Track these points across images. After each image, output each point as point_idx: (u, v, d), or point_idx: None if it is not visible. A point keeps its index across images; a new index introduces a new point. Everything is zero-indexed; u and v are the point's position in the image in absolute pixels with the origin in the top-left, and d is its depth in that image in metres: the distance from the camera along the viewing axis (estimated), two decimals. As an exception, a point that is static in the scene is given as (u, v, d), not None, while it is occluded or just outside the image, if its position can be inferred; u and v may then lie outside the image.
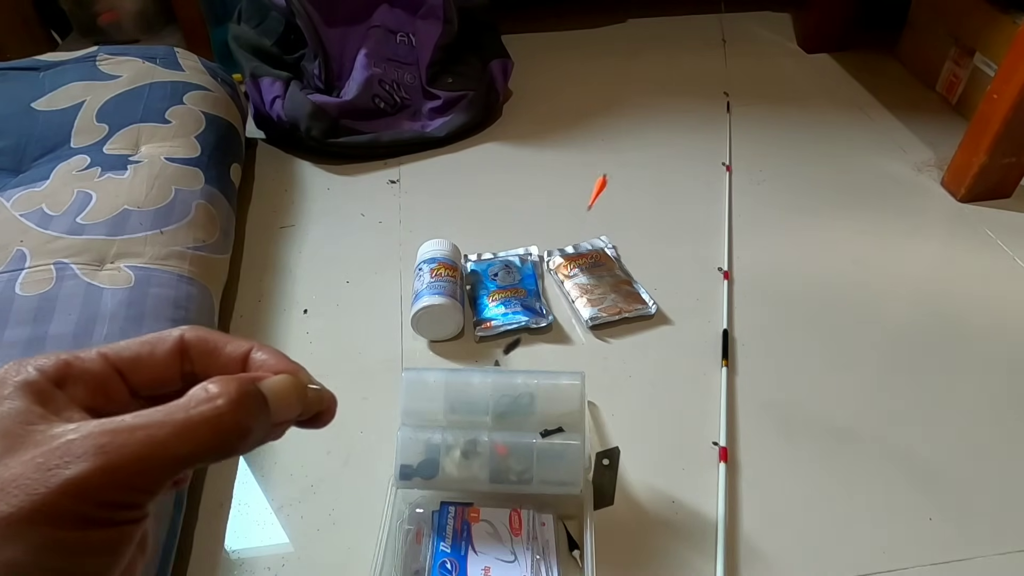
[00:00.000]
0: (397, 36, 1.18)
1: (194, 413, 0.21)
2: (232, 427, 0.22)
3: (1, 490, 0.18)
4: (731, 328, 0.82)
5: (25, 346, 0.65)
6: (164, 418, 0.21)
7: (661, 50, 1.45)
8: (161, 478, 0.21)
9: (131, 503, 0.20)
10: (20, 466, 0.19)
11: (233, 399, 0.22)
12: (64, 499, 0.19)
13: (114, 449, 0.20)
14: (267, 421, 0.23)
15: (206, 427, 0.21)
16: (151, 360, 0.25)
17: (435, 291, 0.79)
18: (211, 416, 0.21)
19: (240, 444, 0.22)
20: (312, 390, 0.26)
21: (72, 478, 0.19)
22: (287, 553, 0.62)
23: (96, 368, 0.23)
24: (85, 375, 0.23)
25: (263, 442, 0.24)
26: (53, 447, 0.19)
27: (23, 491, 0.18)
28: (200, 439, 0.21)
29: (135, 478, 0.20)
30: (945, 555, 0.61)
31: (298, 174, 1.12)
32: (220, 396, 0.22)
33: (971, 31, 1.17)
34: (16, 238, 0.75)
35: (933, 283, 0.89)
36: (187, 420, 0.21)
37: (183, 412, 0.21)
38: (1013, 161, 0.98)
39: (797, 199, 1.04)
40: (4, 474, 0.19)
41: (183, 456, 0.21)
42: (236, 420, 0.22)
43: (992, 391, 0.76)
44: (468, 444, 0.61)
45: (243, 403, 0.22)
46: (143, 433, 0.20)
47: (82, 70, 0.98)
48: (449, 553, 0.57)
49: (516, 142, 1.18)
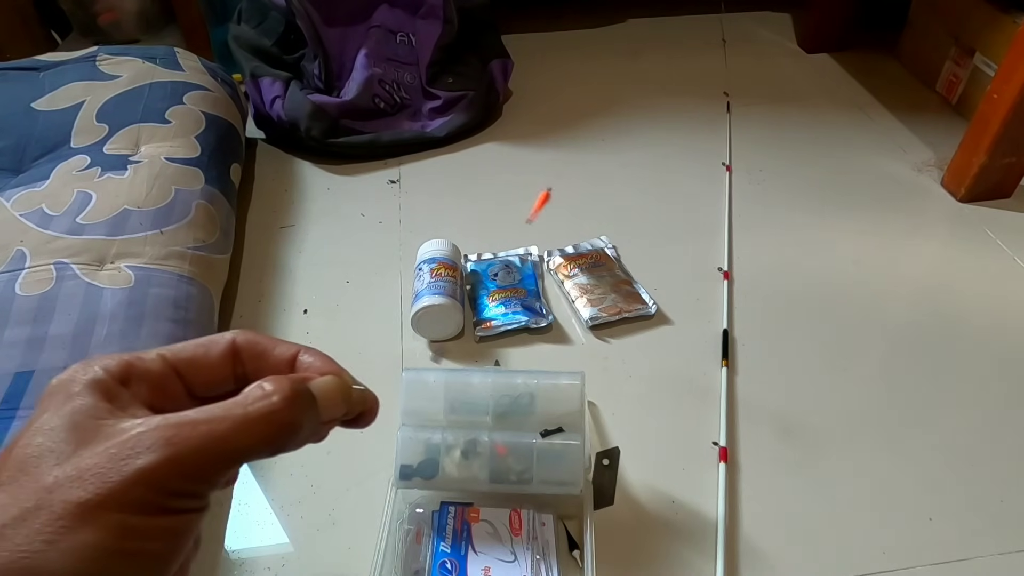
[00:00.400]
0: (397, 36, 1.18)
1: (251, 409, 0.23)
2: (286, 422, 0.24)
3: (78, 478, 0.20)
4: (731, 328, 0.82)
5: (25, 346, 0.65)
6: (224, 413, 0.23)
7: (661, 50, 1.45)
8: (221, 469, 0.22)
9: (194, 492, 0.22)
10: (94, 457, 0.21)
11: (287, 396, 0.24)
12: (135, 487, 0.20)
13: (180, 441, 0.21)
14: (316, 418, 0.25)
15: (262, 422, 0.23)
16: (206, 361, 0.27)
17: (435, 291, 0.79)
18: (267, 412, 0.23)
19: (291, 439, 0.24)
20: (356, 390, 0.28)
21: (143, 467, 0.20)
22: (287, 553, 0.62)
23: (156, 368, 0.25)
24: (147, 375, 0.25)
25: (311, 439, 0.26)
26: (124, 439, 0.21)
27: (98, 479, 0.20)
28: (257, 433, 0.23)
29: (198, 469, 0.22)
30: (945, 555, 0.61)
31: (298, 174, 1.12)
32: (275, 393, 0.23)
33: (971, 31, 1.17)
34: (16, 238, 0.75)
35: (933, 283, 0.89)
36: (245, 415, 0.23)
37: (241, 408, 0.23)
38: (1013, 161, 0.98)
39: (797, 199, 1.04)
40: (80, 464, 0.20)
41: (241, 449, 0.23)
42: (290, 416, 0.24)
43: (992, 391, 0.76)
44: (468, 444, 0.61)
45: (296, 400, 0.24)
46: (205, 427, 0.22)
47: (82, 70, 0.98)
48: (449, 553, 0.57)
49: (516, 142, 1.18)
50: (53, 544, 0.19)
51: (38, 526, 0.19)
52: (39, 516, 0.20)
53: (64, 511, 0.20)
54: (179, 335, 0.71)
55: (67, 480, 0.20)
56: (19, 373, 0.63)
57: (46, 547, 0.19)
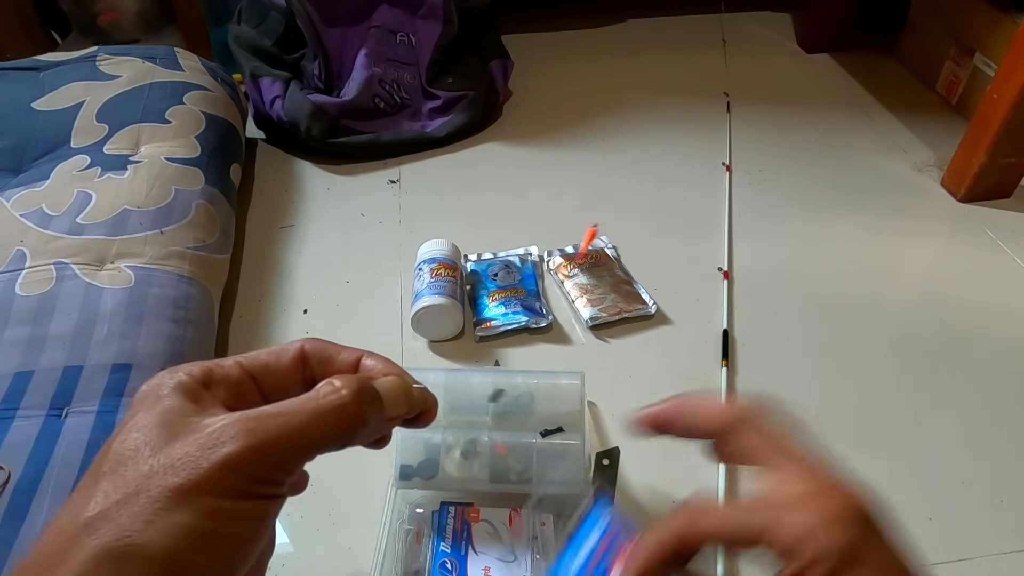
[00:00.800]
0: (397, 36, 1.18)
1: (323, 402, 0.25)
2: (354, 414, 0.26)
3: (172, 466, 0.22)
4: (731, 328, 0.82)
5: (25, 346, 0.65)
6: (299, 407, 0.25)
7: (661, 50, 1.45)
8: (297, 458, 0.25)
9: (273, 479, 0.24)
10: (185, 447, 0.23)
11: (355, 390, 0.26)
12: (223, 472, 0.22)
13: (261, 431, 0.24)
14: (381, 414, 0.28)
15: (333, 414, 0.25)
16: (278, 366, 0.29)
17: (435, 291, 0.79)
18: (337, 404, 0.25)
19: (359, 431, 0.26)
20: (416, 389, 0.30)
21: (229, 454, 0.23)
22: (287, 553, 0.62)
23: (234, 373, 0.28)
24: (226, 379, 0.27)
25: (377, 435, 0.29)
26: (210, 431, 0.23)
27: (189, 466, 0.22)
28: (328, 424, 0.25)
29: (277, 456, 0.24)
30: (945, 555, 0.61)
31: (298, 174, 1.12)
32: (344, 388, 0.26)
33: (971, 31, 1.17)
34: (16, 238, 0.75)
35: (933, 283, 0.89)
36: (317, 408, 0.25)
37: (314, 402, 0.25)
38: (1013, 161, 0.98)
39: (797, 199, 1.04)
40: (172, 453, 0.23)
41: (315, 439, 0.25)
42: (357, 408, 0.26)
43: (992, 391, 0.76)
44: (468, 444, 0.61)
45: (362, 394, 0.26)
46: (282, 419, 0.24)
47: (82, 70, 0.98)
48: (449, 553, 0.57)
49: (516, 142, 1.18)
50: (152, 524, 0.21)
51: (139, 509, 0.22)
52: (139, 500, 0.22)
53: (160, 495, 0.22)
54: (179, 335, 0.71)
55: (162, 468, 0.22)
56: (19, 373, 0.63)
57: (146, 527, 0.21)
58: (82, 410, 0.61)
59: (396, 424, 0.30)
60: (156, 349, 0.68)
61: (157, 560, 0.21)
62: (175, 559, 0.21)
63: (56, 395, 0.62)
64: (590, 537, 0.38)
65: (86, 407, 0.61)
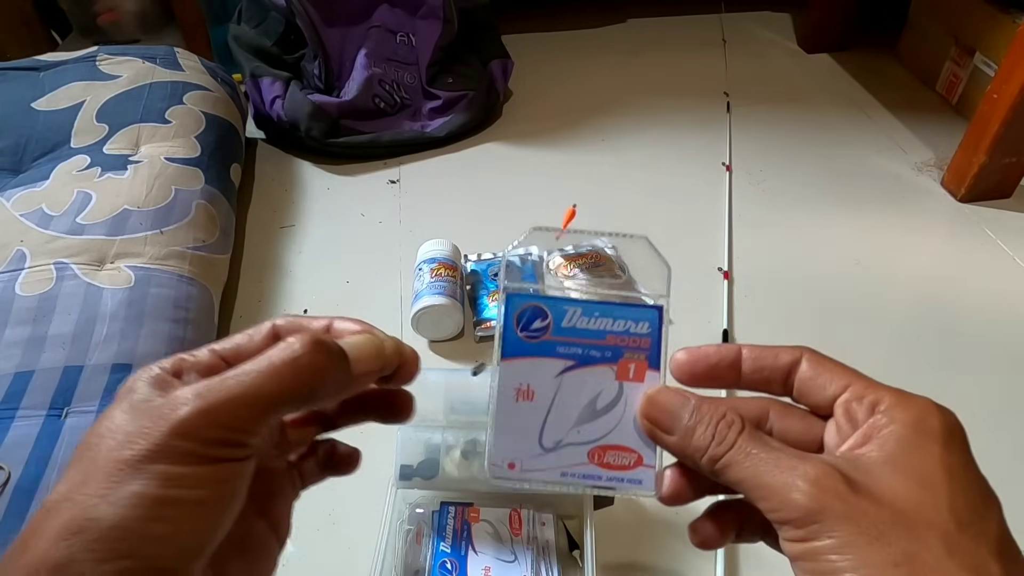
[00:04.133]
0: (397, 36, 1.18)
1: (275, 358, 0.25)
2: (308, 366, 0.25)
3: (127, 441, 0.23)
4: (731, 328, 0.82)
5: (25, 346, 0.65)
6: (251, 367, 0.25)
7: (661, 50, 1.45)
8: (253, 416, 0.24)
9: (230, 440, 0.24)
10: (141, 421, 0.23)
11: (307, 342, 0.26)
12: (174, 439, 0.23)
13: (210, 393, 0.24)
14: (346, 369, 0.27)
15: (286, 368, 0.25)
16: (251, 346, 0.29)
17: (435, 291, 0.79)
18: (289, 359, 0.25)
19: (318, 384, 0.26)
20: (390, 344, 0.30)
21: (178, 420, 0.23)
22: (287, 553, 0.62)
23: (206, 359, 0.28)
24: (197, 365, 0.27)
25: (347, 388, 0.28)
26: (163, 403, 0.24)
27: (143, 437, 0.23)
28: (282, 378, 0.25)
29: (230, 417, 0.24)
30: (945, 555, 0.61)
31: (298, 174, 1.12)
32: (296, 342, 0.26)
33: (971, 31, 1.17)
34: (16, 238, 0.75)
35: (933, 283, 0.89)
36: (270, 364, 0.25)
37: (267, 359, 0.25)
38: (1013, 161, 0.98)
39: (797, 199, 1.04)
40: (129, 430, 0.23)
41: (269, 395, 0.25)
42: (312, 361, 0.25)
43: (992, 390, 0.76)
44: (468, 444, 0.61)
45: (316, 347, 0.26)
46: (234, 380, 0.24)
47: (82, 70, 0.98)
48: (449, 553, 0.57)
49: (516, 142, 1.18)
50: (105, 498, 0.22)
51: (94, 485, 0.22)
52: (95, 477, 0.22)
53: (115, 468, 0.22)
54: (179, 335, 0.71)
55: (118, 445, 0.23)
56: (19, 373, 0.63)
57: (100, 500, 0.22)
58: (82, 410, 0.61)
59: (370, 381, 0.29)
60: (156, 349, 0.68)
61: (113, 530, 0.21)
62: (132, 527, 0.22)
63: (56, 395, 0.62)
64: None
65: (86, 407, 0.61)
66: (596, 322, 0.36)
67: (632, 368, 0.34)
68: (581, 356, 0.35)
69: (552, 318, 0.36)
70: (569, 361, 0.35)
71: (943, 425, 0.26)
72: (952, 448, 0.25)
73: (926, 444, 0.25)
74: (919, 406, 0.26)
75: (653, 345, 0.35)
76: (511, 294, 0.36)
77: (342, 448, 0.34)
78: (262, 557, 0.29)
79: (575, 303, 0.36)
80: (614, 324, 0.36)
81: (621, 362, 0.35)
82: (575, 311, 0.36)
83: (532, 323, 0.36)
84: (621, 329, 0.35)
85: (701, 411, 0.28)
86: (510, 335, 0.35)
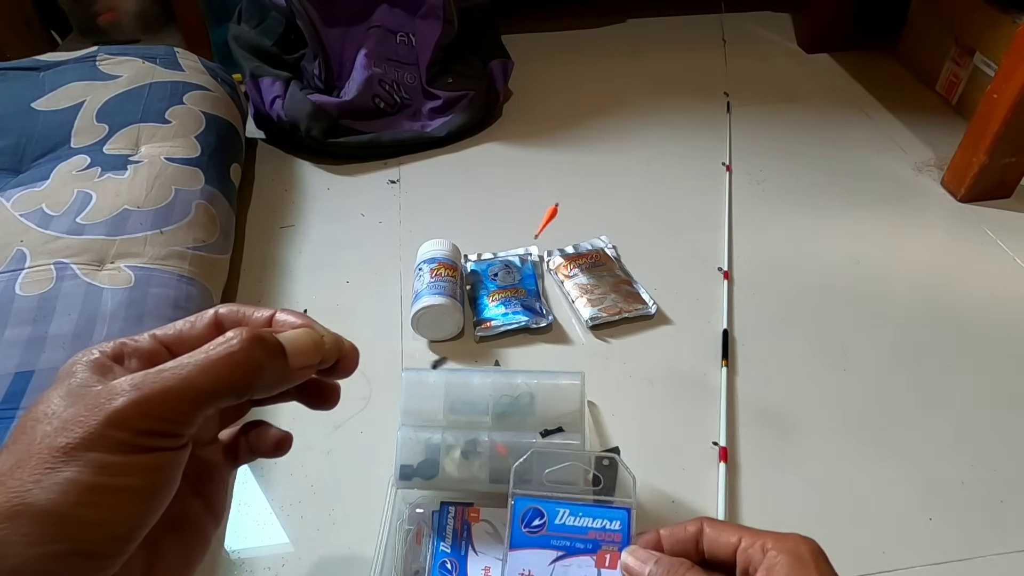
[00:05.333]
0: (397, 36, 1.18)
1: (212, 352, 0.26)
2: (244, 362, 0.26)
3: (63, 428, 0.23)
4: (731, 328, 0.82)
5: (25, 346, 0.65)
6: (188, 360, 0.25)
7: (661, 50, 1.45)
8: (187, 408, 0.25)
9: (164, 431, 0.24)
10: (77, 409, 0.24)
11: (245, 339, 0.26)
12: (108, 428, 0.23)
13: (146, 385, 0.24)
14: (283, 363, 0.28)
15: (222, 363, 0.26)
16: (192, 333, 0.29)
17: (435, 291, 0.79)
18: (225, 354, 0.26)
19: (255, 379, 0.27)
20: (329, 339, 0.31)
21: (114, 410, 0.23)
22: (287, 553, 0.62)
23: (146, 345, 0.28)
24: (138, 351, 0.28)
25: (282, 384, 0.29)
26: (100, 391, 0.24)
27: (79, 426, 0.23)
28: (218, 373, 0.25)
29: (164, 408, 0.24)
30: (945, 555, 0.61)
31: (298, 174, 1.12)
32: (234, 337, 0.26)
33: (971, 31, 1.17)
34: (16, 238, 0.75)
35: (933, 283, 0.89)
36: (206, 358, 0.25)
37: (203, 353, 0.26)
38: (1013, 161, 0.98)
39: (797, 199, 1.04)
40: (65, 416, 0.24)
41: (204, 388, 0.25)
42: (248, 356, 0.26)
43: (992, 391, 0.76)
44: (468, 444, 0.61)
45: (254, 343, 0.26)
46: (170, 372, 0.25)
47: (82, 70, 0.98)
48: (449, 553, 0.57)
49: (516, 142, 1.18)
50: (39, 483, 0.22)
51: (29, 470, 0.23)
52: (30, 462, 0.23)
53: (49, 455, 0.23)
54: (179, 335, 0.71)
55: (54, 431, 0.23)
56: (19, 373, 0.63)
57: (33, 485, 0.22)
58: (82, 410, 0.61)
59: (308, 374, 0.30)
60: (156, 349, 0.68)
61: (46, 515, 0.22)
62: (65, 512, 0.22)
63: (56, 395, 0.62)
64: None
65: (86, 407, 0.61)
66: (580, 520, 0.46)
67: (608, 558, 0.44)
68: (569, 548, 0.45)
69: (548, 517, 0.46)
70: (560, 552, 0.45)
71: (812, 551, 0.35)
72: (822, 567, 0.35)
73: (805, 569, 0.34)
74: (793, 541, 0.35)
75: (624, 539, 0.45)
76: (518, 497, 0.47)
77: (274, 432, 0.34)
78: (196, 535, 0.30)
79: (565, 505, 0.47)
80: (594, 522, 0.46)
81: (599, 553, 0.44)
82: (565, 511, 0.46)
83: (533, 520, 0.47)
84: (599, 526, 0.45)
85: (661, 562, 0.37)
86: (516, 531, 0.46)
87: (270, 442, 0.33)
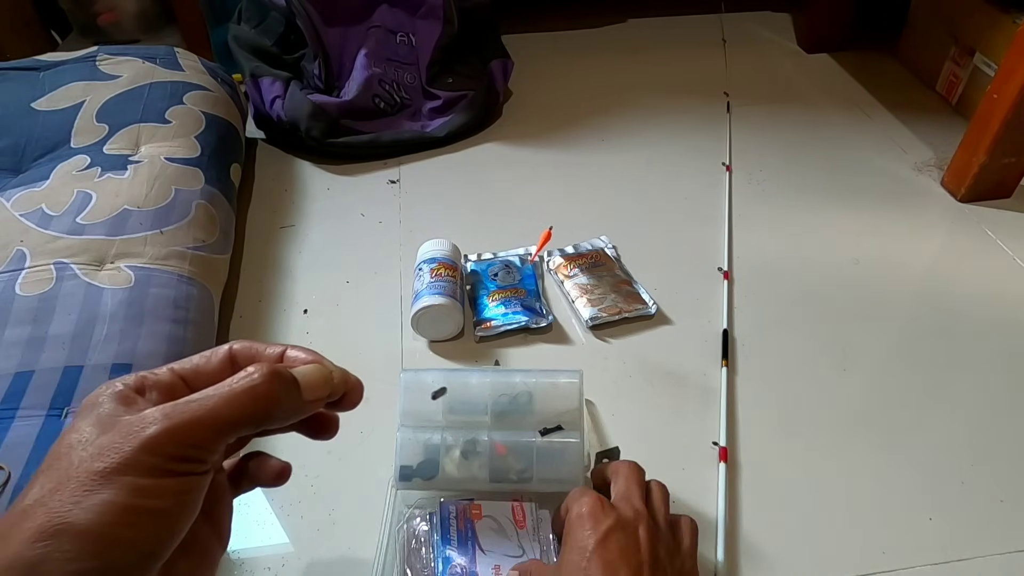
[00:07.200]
0: (397, 36, 1.18)
1: (236, 386, 0.28)
2: (265, 395, 0.29)
3: (99, 454, 0.25)
4: (731, 328, 0.82)
5: (25, 346, 0.65)
6: (213, 392, 0.28)
7: (661, 50, 1.45)
8: (212, 436, 0.27)
9: (191, 457, 0.27)
10: (111, 437, 0.26)
11: (265, 373, 0.29)
12: (142, 454, 0.25)
13: (176, 414, 0.27)
14: (298, 396, 0.31)
15: (244, 396, 0.28)
16: (208, 368, 0.32)
17: (435, 291, 0.79)
18: (248, 387, 0.29)
19: (274, 410, 0.29)
20: (337, 374, 0.34)
21: (147, 437, 0.26)
22: (287, 553, 0.62)
23: (166, 378, 0.31)
24: (158, 384, 0.30)
25: (295, 416, 0.32)
26: (132, 420, 0.27)
27: (114, 451, 0.25)
28: (241, 405, 0.28)
29: (192, 436, 0.27)
30: (945, 555, 0.61)
31: (298, 174, 1.12)
32: (256, 372, 0.29)
33: (971, 31, 1.17)
34: (16, 238, 0.75)
35: (933, 283, 0.89)
36: (231, 391, 0.28)
37: (227, 387, 0.28)
38: (1013, 161, 0.98)
39: (797, 199, 1.04)
40: (100, 443, 0.26)
41: (228, 418, 0.28)
42: (268, 390, 0.29)
43: (992, 391, 0.76)
44: (468, 444, 0.61)
45: (273, 377, 0.29)
46: (196, 404, 0.28)
47: (82, 70, 0.98)
48: (456, 557, 0.57)
49: (516, 142, 1.18)
50: (79, 504, 0.24)
51: (68, 493, 0.24)
52: (69, 486, 0.25)
53: (87, 478, 0.25)
54: (179, 335, 0.71)
55: (90, 457, 0.25)
56: (19, 373, 0.63)
57: (73, 507, 0.24)
58: (82, 410, 0.61)
59: (318, 407, 0.33)
60: (156, 349, 0.68)
61: (85, 534, 0.24)
62: (102, 532, 0.24)
63: (56, 395, 0.62)
64: None
65: (86, 407, 0.61)
66: None
67: None
68: None
69: None
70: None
71: None
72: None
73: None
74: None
75: None
76: None
77: (274, 463, 0.37)
78: (205, 558, 0.32)
79: None
80: None
81: None
82: None
83: None
84: None
85: None
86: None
87: (271, 473, 0.37)
